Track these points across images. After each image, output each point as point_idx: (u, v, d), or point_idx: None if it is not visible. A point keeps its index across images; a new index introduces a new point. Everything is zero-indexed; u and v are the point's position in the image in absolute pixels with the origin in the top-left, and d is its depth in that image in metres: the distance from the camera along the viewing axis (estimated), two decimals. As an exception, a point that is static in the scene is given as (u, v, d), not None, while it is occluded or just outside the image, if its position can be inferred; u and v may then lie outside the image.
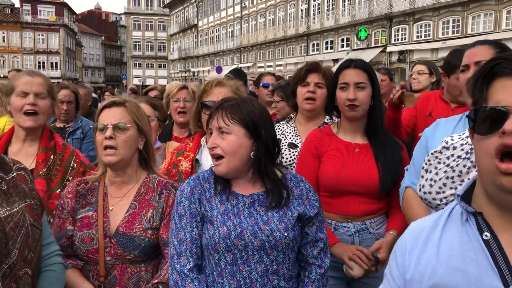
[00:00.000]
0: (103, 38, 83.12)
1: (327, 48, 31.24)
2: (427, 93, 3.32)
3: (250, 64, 40.52)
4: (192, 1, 55.15)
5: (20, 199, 1.55)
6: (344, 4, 29.27)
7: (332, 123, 2.59)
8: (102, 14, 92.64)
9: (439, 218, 1.14)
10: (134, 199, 1.99)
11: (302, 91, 2.73)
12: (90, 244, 1.91)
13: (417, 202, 1.91)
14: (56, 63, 61.32)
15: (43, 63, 60.59)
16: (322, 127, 2.61)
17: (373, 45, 26.97)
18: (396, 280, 1.15)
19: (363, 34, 26.23)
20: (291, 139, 2.78)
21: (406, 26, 24.97)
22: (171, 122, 3.59)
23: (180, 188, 1.79)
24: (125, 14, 76.02)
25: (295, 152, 2.71)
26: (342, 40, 29.70)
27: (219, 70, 27.56)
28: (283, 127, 2.89)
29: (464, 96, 2.88)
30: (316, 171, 2.36)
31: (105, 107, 2.01)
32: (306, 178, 1.88)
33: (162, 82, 60.55)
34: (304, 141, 2.52)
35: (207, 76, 44.75)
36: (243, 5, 42.40)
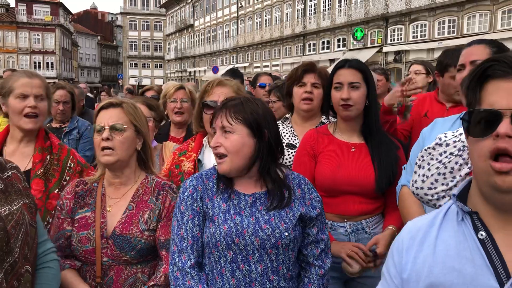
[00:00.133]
0: (99, 38, 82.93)
1: (323, 48, 31.28)
2: (422, 94, 3.34)
3: (246, 64, 40.52)
4: (189, 1, 55.10)
5: (17, 197, 1.56)
6: (340, 4, 29.31)
7: (329, 122, 2.59)
8: (98, 14, 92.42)
9: (436, 217, 1.15)
10: (132, 200, 1.99)
11: (299, 92, 2.73)
12: (87, 245, 1.91)
13: (412, 200, 1.92)
14: (52, 63, 61.11)
15: (39, 63, 60.37)
16: (319, 127, 2.61)
17: (369, 45, 27.02)
18: (394, 279, 1.16)
19: (359, 34, 26.28)
20: (289, 140, 2.78)
21: (402, 26, 25.03)
22: (168, 122, 3.59)
23: (183, 185, 1.80)
24: (121, 14, 75.80)
25: (293, 152, 2.72)
26: (339, 40, 29.74)
27: (215, 70, 27.56)
28: (280, 127, 2.89)
29: (459, 94, 2.91)
30: (312, 171, 2.36)
31: (102, 108, 2.01)
32: None
33: (159, 82, 60.48)
34: (300, 141, 2.53)
35: (204, 76, 44.78)
36: (239, 5, 42.39)
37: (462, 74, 2.13)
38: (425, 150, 1.69)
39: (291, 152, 2.72)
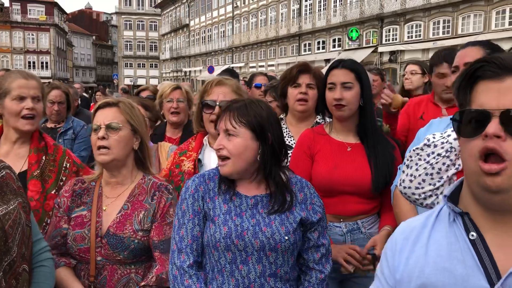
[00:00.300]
0: (94, 37, 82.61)
1: (318, 48, 31.32)
2: (419, 97, 3.38)
3: (242, 64, 40.51)
4: (184, 1, 55.00)
5: (13, 197, 1.56)
6: (336, 5, 29.36)
7: (325, 123, 2.60)
8: (93, 13, 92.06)
9: (428, 218, 1.15)
10: (127, 200, 1.99)
11: (293, 92, 2.73)
12: (82, 243, 1.92)
13: (405, 199, 1.94)
14: (46, 63, 60.82)
15: (33, 62, 60.07)
16: (315, 127, 2.62)
17: (364, 45, 27.08)
18: (388, 280, 1.17)
19: (354, 34, 26.34)
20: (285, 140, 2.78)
21: (397, 27, 25.11)
22: (164, 122, 3.59)
23: (185, 185, 1.81)
24: (116, 13, 75.59)
25: (289, 153, 2.72)
26: (334, 40, 29.79)
27: (211, 70, 27.52)
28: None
29: (447, 93, 2.96)
30: (309, 171, 2.36)
31: (99, 108, 2.02)
32: None
33: (154, 82, 60.33)
34: (297, 141, 2.53)
35: (199, 76, 44.73)
36: (234, 5, 42.38)
37: (456, 76, 2.14)
38: (413, 150, 1.71)
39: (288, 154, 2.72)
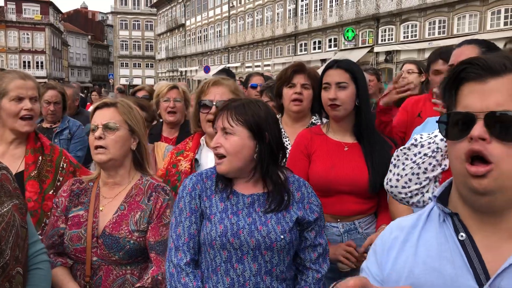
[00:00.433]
0: (89, 37, 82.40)
1: (314, 48, 31.36)
2: (417, 96, 3.40)
3: (238, 64, 40.50)
4: (180, 0, 54.94)
5: (7, 199, 1.55)
6: (332, 5, 29.40)
7: (321, 123, 2.60)
8: (88, 13, 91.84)
9: (419, 218, 1.15)
10: (124, 201, 1.99)
11: (288, 93, 2.74)
12: (78, 243, 1.92)
13: None
14: (41, 63, 60.61)
15: (28, 62, 59.85)
16: (312, 127, 2.62)
17: (360, 45, 27.14)
18: (376, 276, 1.16)
19: (350, 34, 26.38)
20: None
21: (393, 27, 25.17)
22: (160, 122, 3.58)
23: (183, 183, 1.82)
24: (111, 13, 75.41)
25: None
26: (330, 40, 29.83)
27: (207, 70, 27.49)
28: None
29: None
30: (306, 171, 2.37)
31: (97, 108, 2.02)
32: None
33: (149, 82, 60.21)
34: (294, 141, 2.53)
35: (195, 76, 44.67)
36: (231, 4, 42.36)
37: None
38: (400, 150, 1.72)
39: None
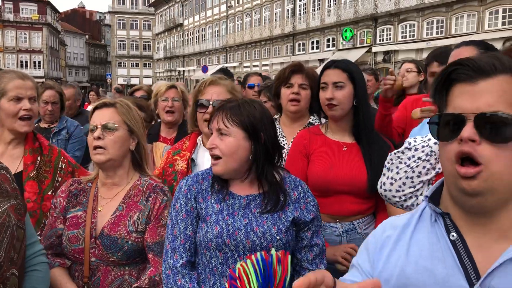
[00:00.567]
0: (87, 37, 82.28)
1: (313, 48, 31.38)
2: (417, 96, 3.41)
3: (236, 64, 40.49)
4: (178, 0, 54.89)
5: (4, 199, 1.54)
6: (330, 4, 29.42)
7: (320, 124, 2.60)
8: (86, 12, 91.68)
9: (411, 218, 1.16)
10: (122, 201, 1.99)
11: (286, 93, 2.74)
12: (76, 244, 1.91)
13: None
14: (39, 62, 60.46)
15: (26, 62, 59.71)
16: (311, 127, 2.62)
17: (358, 45, 27.16)
18: (367, 273, 1.17)
19: (348, 34, 26.40)
20: None
21: (391, 27, 25.20)
22: (158, 122, 3.57)
23: (179, 185, 1.81)
24: (109, 13, 75.31)
25: (283, 153, 2.72)
26: (328, 40, 29.85)
27: (205, 69, 27.49)
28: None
29: None
30: (305, 171, 2.36)
31: (96, 108, 2.02)
32: None
33: (147, 81, 60.19)
34: (292, 141, 2.53)
35: (193, 75, 44.67)
36: (228, 4, 42.34)
37: None
38: (394, 153, 1.72)
39: None
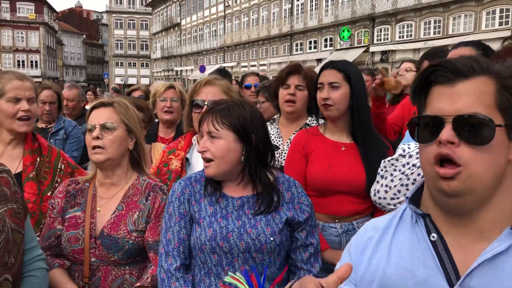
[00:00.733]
0: (84, 36, 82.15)
1: (310, 48, 31.38)
2: None
3: (233, 64, 40.47)
4: (175, -1, 54.87)
5: (0, 203, 1.52)
6: (327, 4, 29.44)
7: (318, 125, 2.60)
8: (83, 12, 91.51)
9: (392, 219, 1.16)
10: (122, 201, 1.99)
11: (283, 93, 2.75)
12: (76, 244, 1.91)
13: None
14: (36, 62, 60.31)
15: (23, 61, 59.57)
16: (309, 127, 2.62)
17: (356, 45, 27.18)
18: (351, 279, 1.17)
19: (345, 34, 26.41)
20: (273, 141, 2.80)
21: (389, 27, 25.23)
22: (156, 123, 3.57)
23: (172, 188, 1.81)
24: (106, 12, 75.17)
25: (276, 154, 2.74)
26: (326, 40, 29.87)
27: (202, 69, 27.48)
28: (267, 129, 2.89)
29: None
30: (304, 171, 2.37)
31: (94, 107, 2.01)
32: (296, 179, 1.88)
33: (145, 81, 60.16)
34: (291, 142, 2.53)
35: (190, 75, 44.62)
36: (226, 4, 42.31)
37: None
38: (388, 161, 1.71)
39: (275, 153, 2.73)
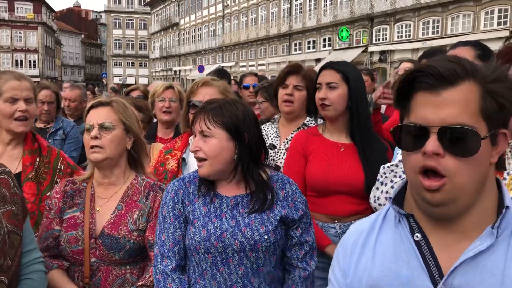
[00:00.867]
0: (82, 36, 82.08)
1: (309, 48, 31.39)
2: None
3: (232, 64, 40.46)
4: (174, -1, 54.83)
5: None
6: (326, 4, 29.45)
7: (317, 124, 2.60)
8: (81, 12, 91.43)
9: (376, 220, 1.16)
10: (121, 200, 1.98)
11: (281, 93, 2.76)
12: (76, 245, 1.90)
13: None
14: (34, 61, 60.23)
15: (21, 61, 59.48)
16: (309, 127, 2.63)
17: (354, 45, 27.20)
18: (340, 284, 1.16)
19: (344, 34, 26.42)
20: (272, 140, 2.81)
21: (387, 26, 25.24)
22: (155, 123, 3.56)
23: (166, 189, 1.81)
24: (105, 12, 75.10)
25: (273, 153, 2.74)
26: (324, 40, 29.87)
27: (201, 69, 27.48)
28: (268, 128, 2.92)
29: None
30: (304, 171, 2.37)
31: (92, 107, 2.00)
32: (296, 179, 1.88)
33: (143, 81, 60.12)
34: (290, 142, 2.54)
35: (189, 75, 44.59)
36: (225, 3, 42.30)
37: None
38: (387, 167, 1.71)
39: (270, 153, 2.74)
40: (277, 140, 2.78)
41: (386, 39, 25.31)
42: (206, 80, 2.40)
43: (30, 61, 60.11)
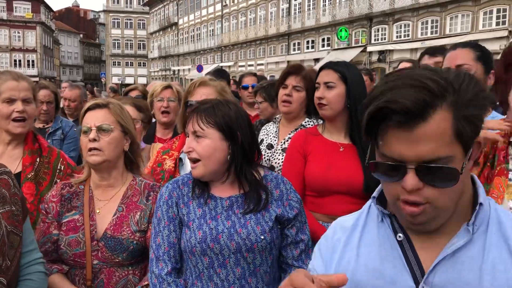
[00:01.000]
0: (81, 36, 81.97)
1: (308, 48, 31.39)
2: None
3: (231, 63, 40.45)
4: (172, -1, 54.79)
5: None
6: (325, 4, 29.45)
7: (317, 124, 2.61)
8: (80, 11, 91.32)
9: (358, 218, 1.16)
10: (121, 202, 1.98)
11: (280, 94, 2.77)
12: (77, 248, 1.89)
13: None
14: (32, 61, 60.16)
15: (19, 61, 59.41)
16: (308, 127, 2.63)
17: (353, 45, 27.20)
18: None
19: (343, 34, 26.42)
20: (271, 140, 2.82)
21: (386, 26, 25.25)
22: (154, 123, 3.55)
23: (159, 192, 1.80)
24: (104, 11, 75.07)
25: (270, 153, 2.75)
26: (323, 40, 29.88)
27: (200, 69, 27.46)
28: (269, 127, 2.92)
29: None
30: (303, 171, 2.37)
31: (88, 109, 1.99)
32: (295, 179, 1.88)
33: (142, 80, 60.07)
34: (290, 142, 2.54)
35: (188, 75, 44.57)
36: (224, 3, 42.28)
37: None
38: None
39: (268, 153, 2.75)
40: (275, 140, 2.78)
41: (385, 39, 25.31)
42: (203, 80, 2.40)
43: (28, 60, 60.03)
